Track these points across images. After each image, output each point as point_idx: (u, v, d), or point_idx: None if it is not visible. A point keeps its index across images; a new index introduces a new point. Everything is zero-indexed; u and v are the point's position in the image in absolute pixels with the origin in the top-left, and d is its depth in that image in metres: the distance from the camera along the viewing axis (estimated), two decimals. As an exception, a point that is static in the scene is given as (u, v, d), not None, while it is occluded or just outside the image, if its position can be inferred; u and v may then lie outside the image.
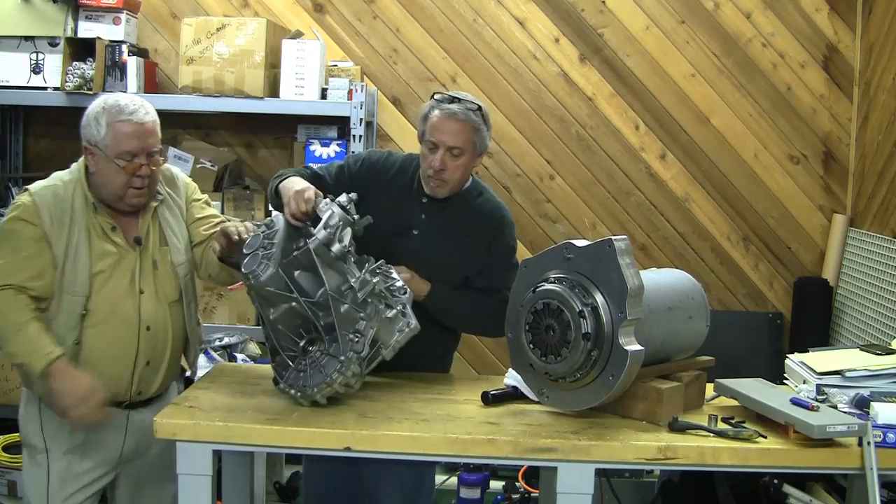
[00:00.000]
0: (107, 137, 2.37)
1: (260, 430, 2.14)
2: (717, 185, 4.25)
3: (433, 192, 2.64)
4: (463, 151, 2.60)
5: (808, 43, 4.16)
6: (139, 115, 2.40)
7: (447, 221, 2.66)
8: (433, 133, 2.58)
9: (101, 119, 2.38)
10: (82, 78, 3.74)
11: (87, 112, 2.42)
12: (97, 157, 2.39)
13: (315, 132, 4.06)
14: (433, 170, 2.58)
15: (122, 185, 2.40)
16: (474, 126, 2.61)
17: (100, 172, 2.40)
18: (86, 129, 2.40)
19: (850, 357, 2.47)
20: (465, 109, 2.59)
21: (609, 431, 2.17)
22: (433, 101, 2.63)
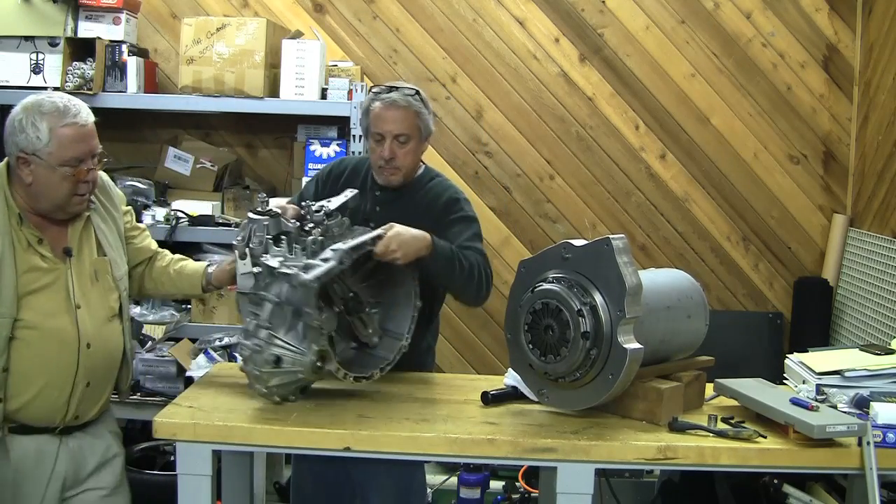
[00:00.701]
0: (50, 144, 2.17)
1: (260, 430, 2.14)
2: (716, 185, 4.25)
3: (388, 182, 2.70)
4: (409, 137, 2.66)
5: (808, 43, 4.16)
6: (82, 115, 2.23)
7: (401, 209, 2.67)
8: (377, 124, 2.65)
9: (39, 125, 2.17)
10: (82, 78, 3.74)
11: (14, 119, 2.19)
12: (35, 166, 2.18)
13: (315, 132, 4.06)
14: (384, 160, 2.65)
15: (67, 195, 2.22)
16: (416, 111, 2.67)
17: (39, 183, 2.20)
18: (17, 138, 2.18)
19: (849, 357, 2.47)
20: (405, 96, 2.66)
21: (609, 431, 2.17)
22: (371, 94, 2.71)
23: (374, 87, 2.73)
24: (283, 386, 2.21)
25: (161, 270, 2.59)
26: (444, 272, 2.53)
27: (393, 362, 2.44)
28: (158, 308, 3.80)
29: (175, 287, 2.61)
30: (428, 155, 4.22)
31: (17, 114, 2.20)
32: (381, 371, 2.40)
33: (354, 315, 2.44)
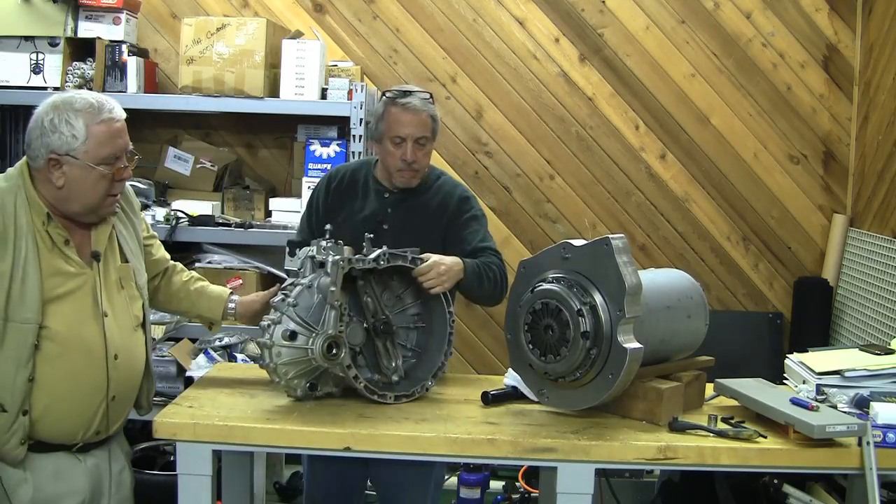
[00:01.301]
0: (87, 142, 2.07)
1: (260, 430, 2.14)
2: (716, 185, 4.25)
3: (408, 184, 2.74)
4: (428, 140, 2.72)
5: (808, 43, 4.16)
6: (116, 111, 2.14)
7: (413, 209, 2.76)
8: (397, 128, 2.69)
9: (74, 122, 2.07)
10: (82, 78, 3.74)
11: (43, 119, 2.08)
12: (70, 167, 2.08)
13: (315, 132, 4.06)
14: (405, 163, 2.69)
15: (102, 195, 2.13)
16: (431, 114, 2.73)
17: (73, 184, 2.09)
18: (49, 139, 2.07)
19: (849, 357, 2.47)
20: (421, 100, 2.72)
21: (609, 431, 2.17)
22: (386, 99, 2.74)
23: (388, 92, 2.76)
24: (292, 365, 2.23)
25: (181, 286, 2.51)
26: (473, 287, 2.63)
27: (412, 397, 2.40)
28: (158, 308, 3.80)
29: (192, 307, 2.52)
30: (428, 155, 4.24)
31: (47, 113, 2.09)
32: (396, 400, 2.37)
33: (382, 338, 2.42)
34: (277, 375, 2.24)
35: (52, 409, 2.07)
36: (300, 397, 2.30)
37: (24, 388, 2.03)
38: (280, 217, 3.89)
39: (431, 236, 2.72)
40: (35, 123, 2.10)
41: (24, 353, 2.03)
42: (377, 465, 2.66)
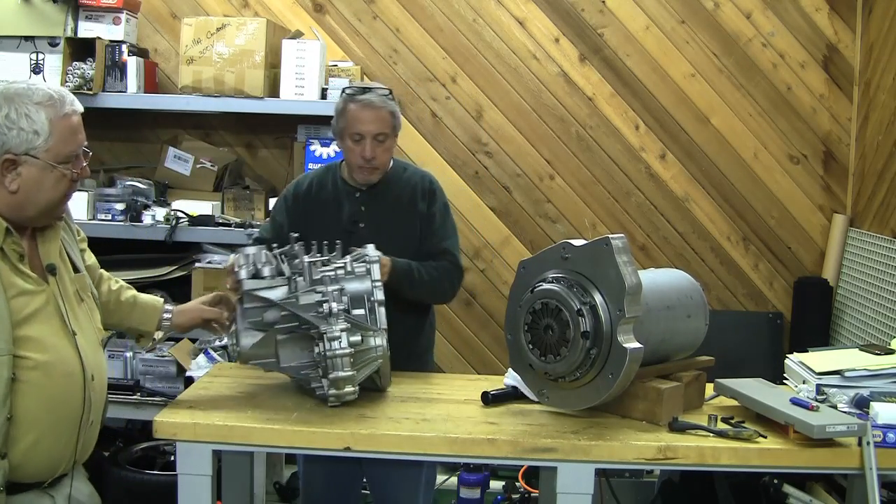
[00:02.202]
0: (50, 139, 1.86)
1: (260, 430, 2.14)
2: (717, 185, 4.25)
3: (367, 181, 2.76)
4: (387, 136, 2.73)
5: (808, 43, 4.16)
6: (77, 103, 1.93)
7: (387, 203, 2.79)
8: (356, 125, 2.70)
9: (35, 117, 1.84)
10: (82, 78, 3.74)
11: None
12: (27, 167, 1.85)
13: (315, 132, 4.06)
14: (364, 159, 2.70)
15: (61, 198, 1.93)
16: (391, 110, 2.74)
17: (31, 187, 1.86)
18: (4, 137, 1.83)
19: (849, 357, 2.47)
20: (380, 96, 2.73)
21: (609, 431, 2.17)
22: (346, 96, 2.75)
23: (347, 89, 2.78)
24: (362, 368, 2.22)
25: (110, 296, 2.25)
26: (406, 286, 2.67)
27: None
28: (158, 308, 3.80)
29: (124, 319, 2.27)
30: (428, 154, 4.25)
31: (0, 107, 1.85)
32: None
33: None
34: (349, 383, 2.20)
35: (32, 447, 1.85)
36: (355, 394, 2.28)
37: (2, 430, 1.79)
38: (280, 217, 3.89)
39: (407, 229, 2.76)
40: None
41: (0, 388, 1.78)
42: (369, 462, 2.67)
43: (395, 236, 2.70)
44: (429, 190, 2.84)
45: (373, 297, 2.28)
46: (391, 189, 2.80)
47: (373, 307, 2.27)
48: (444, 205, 2.87)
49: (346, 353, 2.17)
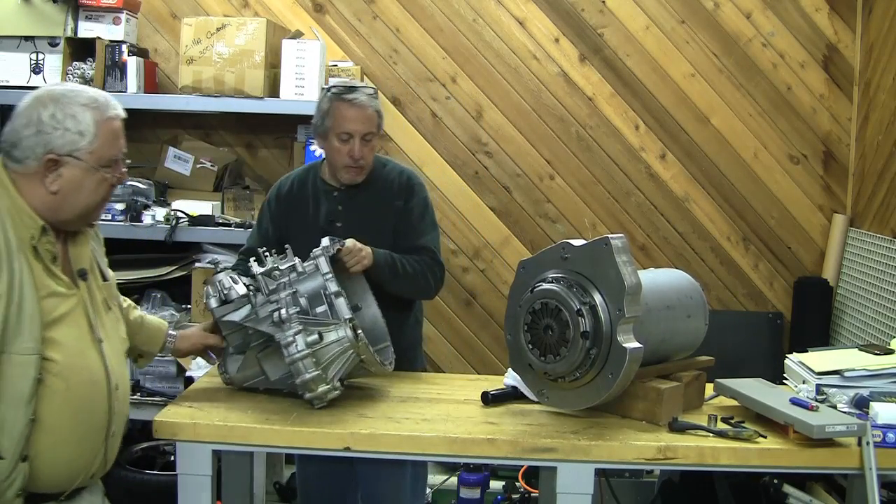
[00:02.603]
0: (95, 142, 1.85)
1: (260, 430, 2.14)
2: (717, 185, 4.25)
3: (353, 180, 2.75)
4: (374, 135, 2.72)
5: (808, 43, 4.16)
6: (119, 108, 1.93)
7: (364, 201, 2.77)
8: (344, 125, 2.67)
9: (81, 118, 1.84)
10: (82, 78, 3.74)
11: (41, 113, 1.83)
12: (69, 169, 1.84)
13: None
14: (353, 159, 2.69)
15: (100, 202, 1.93)
16: (377, 109, 2.73)
17: (70, 189, 1.85)
18: (49, 136, 1.82)
19: (849, 357, 2.47)
20: (367, 95, 2.71)
21: (609, 431, 2.17)
22: (331, 94, 2.72)
23: (332, 88, 2.74)
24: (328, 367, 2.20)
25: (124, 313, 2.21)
26: (386, 278, 2.65)
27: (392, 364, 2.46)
28: (159, 308, 3.80)
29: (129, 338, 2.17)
30: (428, 154, 4.25)
31: (44, 107, 1.83)
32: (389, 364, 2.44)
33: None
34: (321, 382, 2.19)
35: (53, 453, 1.81)
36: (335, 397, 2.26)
37: (24, 431, 1.75)
38: (280, 217, 3.89)
39: (385, 227, 2.75)
40: (26, 119, 1.83)
41: (25, 389, 1.75)
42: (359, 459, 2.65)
43: (372, 234, 2.68)
44: (406, 185, 2.81)
45: (327, 291, 2.26)
46: (369, 187, 2.79)
47: (331, 301, 2.25)
48: (424, 199, 2.83)
49: (304, 356, 2.16)
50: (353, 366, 2.26)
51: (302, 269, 2.31)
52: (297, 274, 2.30)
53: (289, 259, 2.33)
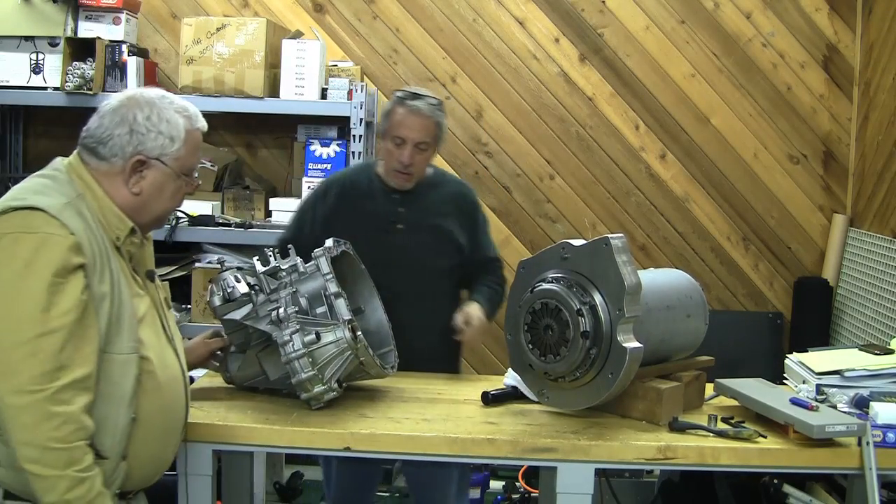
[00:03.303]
0: (181, 149, 1.86)
1: (260, 430, 2.14)
2: (717, 185, 4.25)
3: (400, 186, 2.75)
4: (429, 145, 2.71)
5: (808, 43, 4.16)
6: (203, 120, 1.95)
7: (426, 208, 2.78)
8: (399, 129, 2.68)
9: (176, 123, 1.85)
10: (82, 78, 3.74)
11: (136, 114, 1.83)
12: (153, 172, 1.84)
13: (315, 132, 4.06)
14: (402, 164, 2.68)
15: (171, 209, 1.95)
16: (437, 120, 2.72)
17: (152, 192, 1.85)
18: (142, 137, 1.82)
19: (849, 357, 2.47)
20: (429, 105, 2.70)
21: (609, 431, 2.17)
22: (396, 99, 2.73)
23: (398, 92, 2.76)
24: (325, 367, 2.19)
25: None
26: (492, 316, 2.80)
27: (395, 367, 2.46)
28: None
29: None
30: (428, 155, 4.24)
31: (139, 108, 1.83)
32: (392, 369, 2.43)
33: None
34: (317, 383, 2.18)
35: (145, 451, 1.84)
36: (332, 398, 2.26)
37: (126, 430, 1.77)
38: (280, 217, 3.88)
39: (446, 235, 2.76)
40: (119, 118, 1.82)
41: (127, 388, 1.76)
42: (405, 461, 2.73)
43: (433, 242, 2.71)
44: (470, 199, 2.88)
45: (328, 292, 2.26)
46: (430, 193, 2.80)
47: (330, 301, 2.25)
48: (484, 215, 2.93)
49: (300, 355, 2.16)
50: (353, 368, 2.26)
51: (304, 269, 2.31)
52: (298, 274, 2.30)
53: (291, 259, 2.33)
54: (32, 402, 1.61)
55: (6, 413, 1.62)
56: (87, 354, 1.68)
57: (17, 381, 1.61)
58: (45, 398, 1.61)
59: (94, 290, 1.70)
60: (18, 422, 1.61)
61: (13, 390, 1.61)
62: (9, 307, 1.64)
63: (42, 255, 1.65)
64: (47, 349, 1.62)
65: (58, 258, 1.66)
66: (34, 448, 1.61)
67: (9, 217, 1.70)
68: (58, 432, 1.61)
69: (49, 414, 1.61)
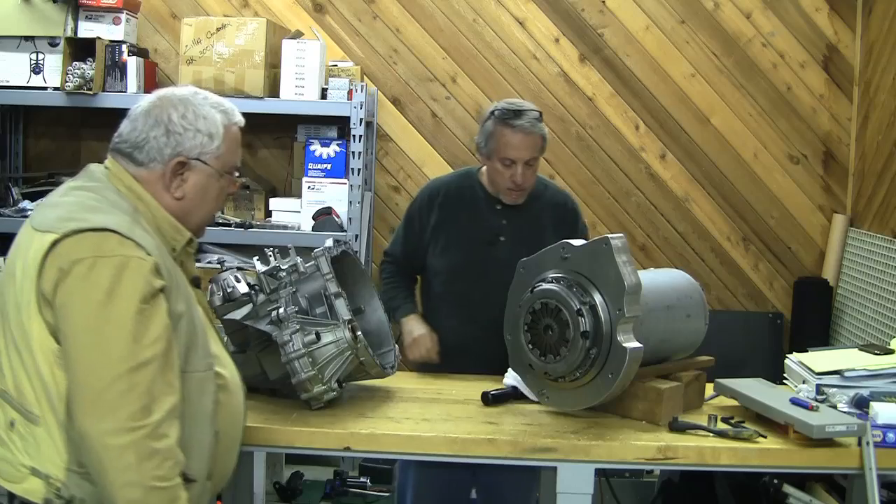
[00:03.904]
0: (221, 146, 1.76)
1: (260, 430, 2.13)
2: (717, 185, 4.25)
3: (515, 202, 2.74)
4: (537, 159, 2.70)
5: (808, 43, 4.16)
6: (240, 115, 1.87)
7: (528, 220, 2.77)
8: (508, 151, 2.65)
9: (213, 119, 1.76)
10: (82, 78, 3.73)
11: (171, 113, 1.73)
12: (194, 174, 1.75)
13: (315, 132, 4.06)
14: (515, 184, 2.67)
15: (216, 212, 1.85)
16: (542, 133, 2.70)
17: (194, 195, 1.75)
18: (181, 138, 1.73)
19: (849, 357, 2.47)
20: (532, 120, 2.67)
21: (609, 431, 2.17)
22: (497, 118, 2.69)
23: (498, 111, 2.71)
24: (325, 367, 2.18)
25: None
26: None
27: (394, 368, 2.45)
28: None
29: None
30: (428, 154, 4.25)
31: (174, 107, 1.74)
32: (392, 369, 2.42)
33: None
34: (317, 383, 2.18)
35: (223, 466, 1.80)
36: (334, 398, 2.25)
37: (211, 449, 1.71)
38: (280, 217, 3.89)
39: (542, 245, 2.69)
40: (154, 120, 1.73)
41: (208, 406, 1.69)
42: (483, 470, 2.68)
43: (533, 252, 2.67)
44: (572, 210, 2.87)
45: (327, 292, 2.26)
46: (533, 205, 2.78)
47: (330, 302, 2.25)
48: (584, 223, 2.91)
49: (300, 355, 2.15)
50: (353, 368, 2.26)
51: (304, 269, 2.31)
52: (298, 274, 2.30)
53: (291, 259, 2.34)
54: (134, 440, 1.49)
55: (104, 455, 1.49)
56: (172, 380, 1.57)
57: (115, 419, 1.49)
58: (146, 435, 1.50)
59: (172, 311, 1.61)
60: (120, 463, 1.49)
61: (112, 430, 1.49)
62: (96, 341, 1.51)
63: (124, 281, 1.53)
64: (142, 382, 1.51)
65: (141, 283, 1.54)
66: (138, 489, 1.50)
67: (77, 241, 1.56)
68: (160, 470, 1.51)
69: (151, 451, 1.50)
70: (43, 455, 1.58)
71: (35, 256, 1.56)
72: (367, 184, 4.09)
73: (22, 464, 1.59)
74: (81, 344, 1.51)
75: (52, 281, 1.54)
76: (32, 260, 1.56)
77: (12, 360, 1.60)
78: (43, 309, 1.55)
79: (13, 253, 1.67)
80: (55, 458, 1.57)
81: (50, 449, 1.57)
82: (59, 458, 1.57)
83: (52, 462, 1.57)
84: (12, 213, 3.78)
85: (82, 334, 1.51)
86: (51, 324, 1.55)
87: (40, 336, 1.56)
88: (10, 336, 1.61)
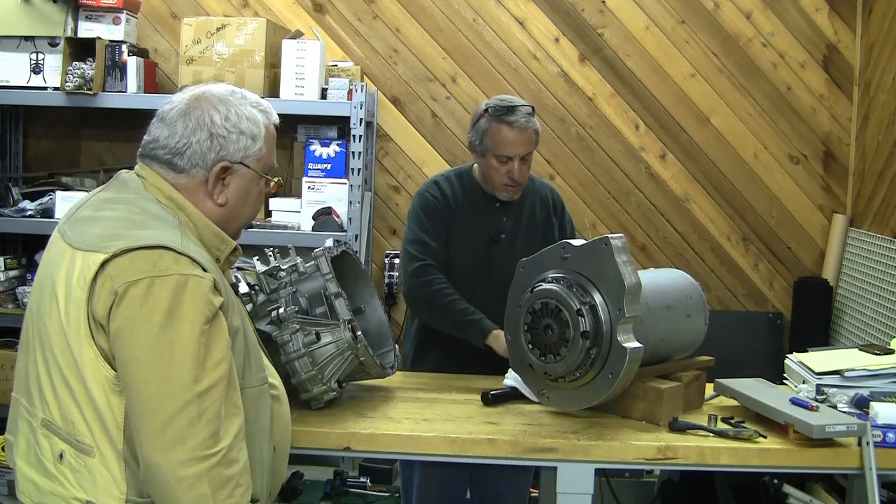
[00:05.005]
0: (263, 148, 1.70)
1: (259, 430, 2.13)
2: (717, 185, 4.25)
3: (511, 198, 2.76)
4: (531, 154, 2.72)
5: (808, 43, 4.16)
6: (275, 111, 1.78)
7: (525, 216, 2.80)
8: (503, 148, 2.65)
9: (256, 121, 1.69)
10: (82, 78, 3.74)
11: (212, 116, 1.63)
12: (236, 178, 1.66)
13: (315, 132, 4.06)
14: (512, 180, 2.68)
15: (255, 215, 1.76)
16: (536, 128, 2.72)
17: (238, 199, 1.67)
18: (224, 142, 1.64)
19: (849, 357, 2.47)
20: (525, 116, 2.69)
21: (609, 431, 2.17)
22: (490, 115, 2.68)
23: (490, 107, 2.69)
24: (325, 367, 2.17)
25: None
26: None
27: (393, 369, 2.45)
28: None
29: None
30: (428, 154, 4.25)
31: (214, 109, 1.64)
32: (391, 369, 2.42)
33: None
34: (317, 383, 2.17)
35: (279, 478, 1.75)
36: (334, 398, 2.25)
37: (271, 465, 1.66)
38: (280, 217, 3.89)
39: (539, 240, 2.74)
40: (194, 123, 1.63)
41: (266, 421, 1.63)
42: (478, 470, 2.70)
43: (530, 247, 2.65)
44: (559, 201, 2.90)
45: (327, 292, 2.25)
46: (526, 201, 2.81)
47: (330, 301, 2.24)
48: (569, 214, 2.95)
49: (300, 355, 2.15)
50: (353, 368, 2.26)
51: (304, 269, 2.31)
52: (298, 274, 2.30)
53: (291, 259, 2.33)
54: (206, 468, 1.42)
55: (177, 486, 1.41)
56: (237, 400, 1.50)
57: (185, 449, 1.41)
58: (218, 462, 1.43)
59: (230, 327, 1.53)
60: (193, 494, 1.41)
61: (184, 461, 1.41)
62: (160, 368, 1.42)
63: (184, 302, 1.44)
64: (211, 407, 1.43)
65: (202, 303, 1.45)
66: None
67: (129, 261, 1.46)
68: (232, 498, 1.45)
69: (224, 480, 1.44)
70: (99, 488, 1.49)
71: (82, 279, 1.47)
72: (367, 184, 4.09)
73: (76, 497, 1.50)
74: (143, 371, 1.42)
75: (104, 305, 1.45)
76: (78, 282, 1.48)
77: (57, 390, 1.51)
78: (96, 335, 1.47)
79: (46, 271, 1.57)
80: (113, 490, 1.49)
81: (107, 481, 1.49)
82: (116, 490, 1.49)
83: (110, 494, 1.49)
84: (12, 213, 3.79)
85: (144, 361, 1.43)
86: (105, 350, 1.47)
87: (93, 364, 1.47)
88: (55, 363, 1.51)
